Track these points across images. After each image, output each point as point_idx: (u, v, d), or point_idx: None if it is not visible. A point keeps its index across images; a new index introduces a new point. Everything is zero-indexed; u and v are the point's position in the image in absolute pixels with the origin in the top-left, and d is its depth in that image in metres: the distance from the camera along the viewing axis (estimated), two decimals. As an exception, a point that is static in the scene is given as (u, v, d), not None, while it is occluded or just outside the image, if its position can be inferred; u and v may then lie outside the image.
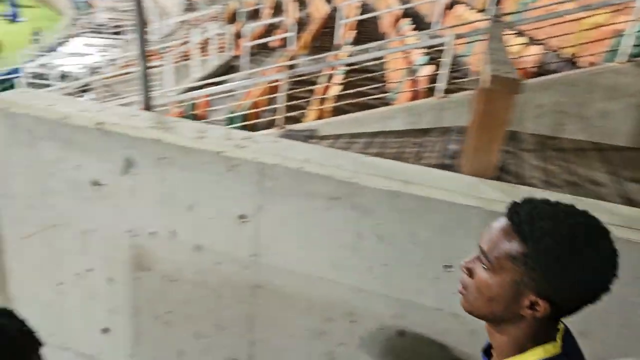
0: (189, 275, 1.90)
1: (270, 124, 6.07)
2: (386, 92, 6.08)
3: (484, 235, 1.01)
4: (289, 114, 5.94)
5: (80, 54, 20.75)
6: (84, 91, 12.78)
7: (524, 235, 0.94)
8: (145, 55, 2.02)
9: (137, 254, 1.92)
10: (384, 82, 6.47)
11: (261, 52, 10.77)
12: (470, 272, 1.02)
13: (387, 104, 5.87)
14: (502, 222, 0.99)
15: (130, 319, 2.05)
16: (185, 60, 10.72)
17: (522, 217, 0.95)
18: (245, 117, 6.38)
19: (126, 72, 12.04)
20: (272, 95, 6.68)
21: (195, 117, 6.98)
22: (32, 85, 14.55)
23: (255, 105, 6.60)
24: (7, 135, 1.93)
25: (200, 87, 8.17)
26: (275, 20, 13.01)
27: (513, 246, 0.95)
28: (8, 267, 2.14)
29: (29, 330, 1.42)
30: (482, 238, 1.01)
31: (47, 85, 14.82)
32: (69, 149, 1.85)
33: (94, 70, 16.56)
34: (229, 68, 10.53)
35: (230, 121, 6.40)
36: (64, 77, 16.49)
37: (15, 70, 18.34)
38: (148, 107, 2.03)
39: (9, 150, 1.95)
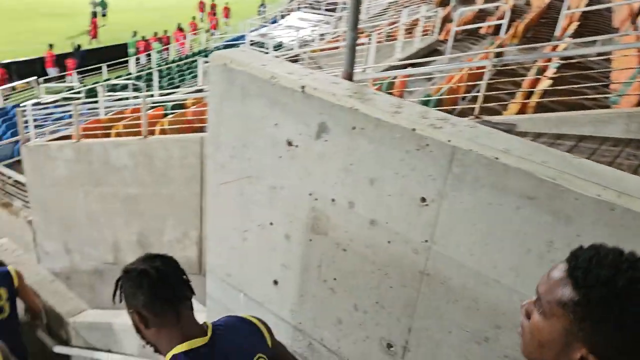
0: (359, 248, 1.90)
1: (465, 113, 5.80)
2: (606, 94, 5.34)
3: (544, 277, 0.98)
4: (487, 104, 5.60)
5: (295, 27, 22.36)
6: (293, 62, 13.79)
7: (577, 282, 0.90)
8: (355, 27, 2.03)
9: (315, 217, 1.98)
10: (605, 81, 5.69)
11: (469, 38, 10.34)
12: (527, 315, 1.00)
13: (604, 107, 5.16)
14: (561, 266, 0.95)
15: (298, 277, 2.15)
16: (390, 40, 10.80)
17: (579, 262, 0.92)
18: (439, 103, 6.20)
19: (332, 47, 12.62)
20: (472, 83, 6.36)
21: (389, 97, 7.01)
22: (251, 52, 16.16)
23: (452, 91, 6.37)
24: (223, 89, 2.13)
25: (400, 68, 8.16)
26: (489, 5, 12.31)
27: (565, 292, 0.91)
28: (207, 208, 2.40)
29: (187, 280, 1.59)
30: (541, 280, 0.99)
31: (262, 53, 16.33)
32: (273, 107, 1.97)
33: (303, 43, 17.75)
34: (432, 51, 10.33)
35: (424, 105, 6.28)
36: (278, 47, 17.98)
37: (242, 37, 20.59)
38: (349, 78, 2.05)
39: (223, 103, 2.15)
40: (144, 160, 7.03)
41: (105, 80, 15.52)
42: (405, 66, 8.47)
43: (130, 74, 17.09)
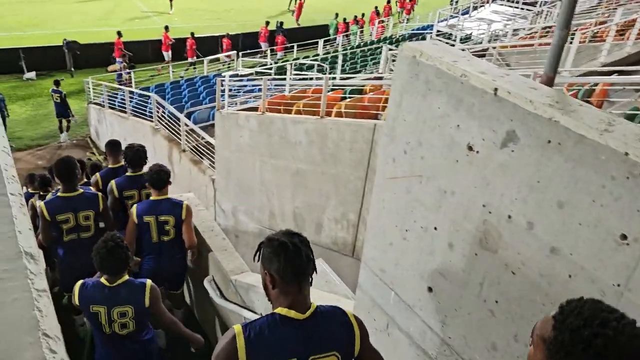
0: (532, 275, 1.70)
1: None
2: None
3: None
4: None
5: (487, 20, 21.23)
6: (479, 56, 13.12)
7: (555, 324, 1.11)
8: (567, 26, 1.78)
9: (486, 231, 1.82)
10: None
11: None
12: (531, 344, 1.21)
13: None
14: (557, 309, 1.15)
15: (456, 290, 2.01)
16: (596, 41, 9.62)
17: (565, 309, 1.11)
18: (649, 118, 5.33)
19: (525, 45, 11.69)
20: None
21: (586, 105, 6.24)
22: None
23: (668, 107, 5.42)
24: (406, 81, 2.05)
25: (604, 74, 7.21)
26: None
27: (547, 330, 1.13)
28: (372, 200, 2.36)
29: (313, 260, 1.86)
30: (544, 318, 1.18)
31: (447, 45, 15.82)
32: (457, 107, 1.83)
33: (494, 37, 16.76)
34: (646, 58, 8.96)
35: (630, 119, 5.46)
36: (466, 39, 17.25)
37: (429, 27, 20.21)
38: (549, 83, 1.82)
39: (404, 96, 2.08)
40: (317, 139, 7.32)
41: (294, 59, 16.51)
42: (610, 72, 7.47)
43: (317, 55, 17.92)
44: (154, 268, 4.18)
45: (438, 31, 18.90)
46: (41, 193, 6.32)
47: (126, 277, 3.18)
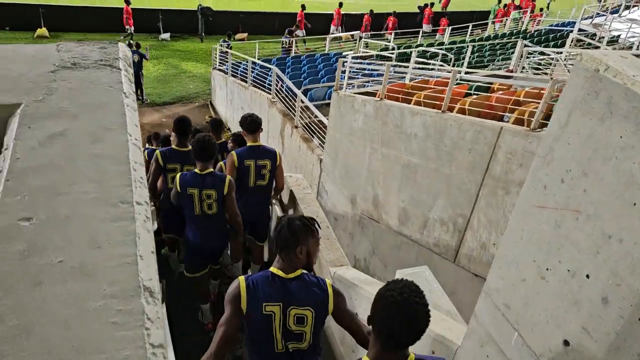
0: None
1: None
2: None
3: None
4: None
5: (641, 21, 19.01)
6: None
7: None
8: None
9: (661, 296, 1.47)
10: None
11: None
12: None
13: None
14: None
15: (602, 354, 1.68)
16: None
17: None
18: None
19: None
20: None
21: None
22: (578, 42, 14.39)
23: None
24: (580, 97, 1.71)
25: None
26: None
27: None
28: (510, 224, 2.07)
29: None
30: None
31: (590, 46, 14.38)
32: (646, 139, 1.49)
33: (647, 42, 14.96)
34: None
35: None
36: (613, 41, 15.58)
37: (570, 24, 18.52)
38: None
39: (573, 114, 1.75)
40: (434, 135, 6.96)
41: (417, 46, 15.95)
42: None
43: (442, 43, 17.18)
44: (246, 215, 4.42)
45: (580, 29, 17.25)
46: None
47: (211, 169, 4.08)
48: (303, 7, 19.54)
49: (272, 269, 2.54)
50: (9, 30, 18.65)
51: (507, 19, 22.42)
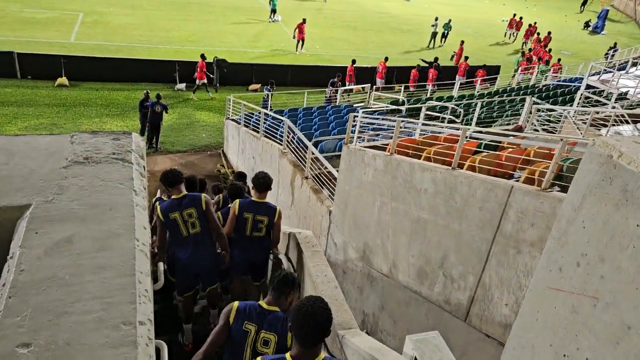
0: None
1: None
2: None
3: None
4: None
5: (649, 78, 19.24)
6: (636, 121, 11.83)
7: None
8: None
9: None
10: None
11: None
12: None
13: None
14: None
15: None
16: None
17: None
18: None
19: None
20: None
21: None
22: (586, 98, 14.53)
23: None
24: (594, 183, 1.70)
25: None
26: None
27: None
28: (524, 307, 2.02)
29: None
30: None
31: (599, 102, 14.50)
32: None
33: (657, 99, 15.08)
34: None
35: None
36: (621, 98, 15.71)
37: (578, 80, 18.77)
38: None
39: (587, 198, 1.73)
40: (444, 191, 6.95)
41: (427, 99, 16.19)
42: None
43: (452, 96, 17.44)
44: (243, 258, 5.03)
45: (588, 85, 17.46)
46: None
47: (185, 192, 4.67)
48: (353, 61, 20.65)
49: (259, 302, 3.34)
50: (30, 79, 19.25)
51: (533, 68, 23.11)
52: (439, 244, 7.18)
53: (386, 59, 21.71)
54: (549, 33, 31.76)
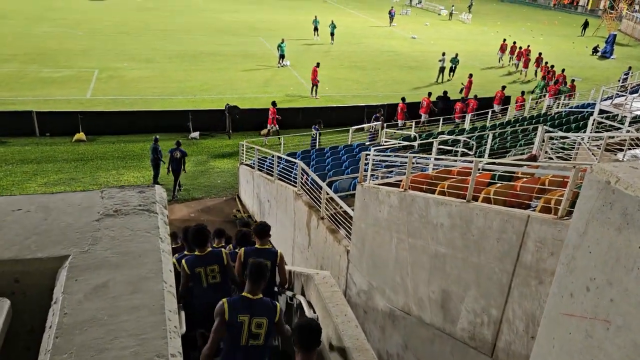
0: None
1: None
2: None
3: None
4: None
5: (661, 100, 19.15)
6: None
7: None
8: None
9: None
10: None
11: None
12: None
13: None
14: None
15: None
16: None
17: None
18: None
19: None
20: None
21: None
22: (599, 123, 14.51)
23: None
24: (595, 208, 1.75)
25: None
26: None
27: None
28: (540, 331, 2.03)
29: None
30: None
31: (612, 127, 14.46)
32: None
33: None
34: None
35: None
36: (636, 121, 15.63)
37: (590, 105, 18.79)
38: None
39: (590, 224, 1.77)
40: (461, 224, 6.93)
41: (439, 133, 16.31)
42: None
43: (463, 129, 17.54)
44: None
45: (601, 110, 17.45)
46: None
47: (210, 248, 5.29)
48: (403, 99, 21.39)
49: (243, 293, 4.09)
50: (49, 136, 19.89)
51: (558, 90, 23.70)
52: (459, 278, 7.11)
53: (429, 94, 22.29)
54: (540, 54, 33.17)
